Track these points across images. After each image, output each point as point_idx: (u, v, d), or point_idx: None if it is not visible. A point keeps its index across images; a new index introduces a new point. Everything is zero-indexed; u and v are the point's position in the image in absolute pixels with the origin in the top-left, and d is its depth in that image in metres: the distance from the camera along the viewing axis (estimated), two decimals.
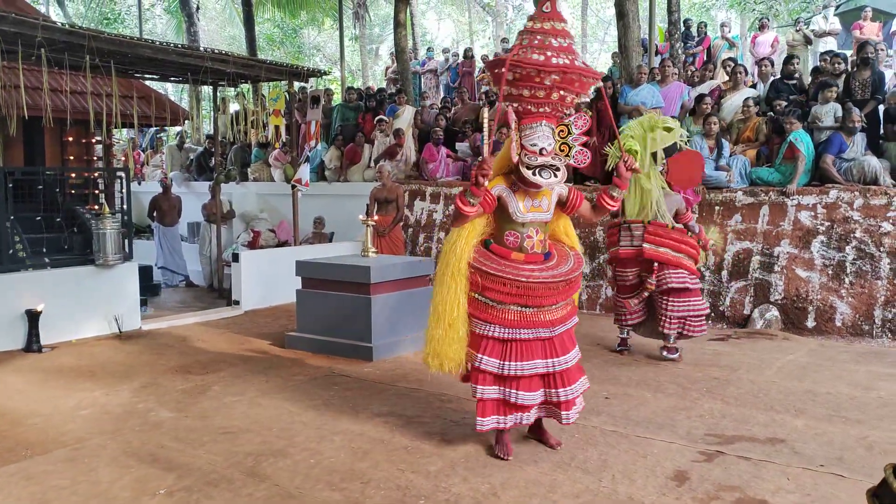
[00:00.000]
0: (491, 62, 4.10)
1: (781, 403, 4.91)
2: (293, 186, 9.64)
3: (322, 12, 23.81)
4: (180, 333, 7.39)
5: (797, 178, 7.67)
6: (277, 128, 10.19)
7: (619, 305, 6.31)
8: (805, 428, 4.42)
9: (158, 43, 7.79)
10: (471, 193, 3.79)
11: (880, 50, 9.89)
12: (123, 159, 12.92)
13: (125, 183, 7.90)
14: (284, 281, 7.74)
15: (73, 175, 9.10)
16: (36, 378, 5.74)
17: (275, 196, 12.05)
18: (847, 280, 7.18)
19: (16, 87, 6.86)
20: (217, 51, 8.62)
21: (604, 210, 4.18)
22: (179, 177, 13.74)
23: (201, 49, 8.62)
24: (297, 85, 10.95)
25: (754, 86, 9.73)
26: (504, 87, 3.88)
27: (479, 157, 3.75)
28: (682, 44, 12.33)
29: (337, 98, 15.86)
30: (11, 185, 7.09)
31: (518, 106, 3.92)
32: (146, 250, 10.57)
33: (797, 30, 12.60)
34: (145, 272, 8.79)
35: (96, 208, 7.83)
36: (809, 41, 12.44)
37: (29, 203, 7.55)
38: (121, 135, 15.32)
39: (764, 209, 7.79)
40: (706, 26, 13.80)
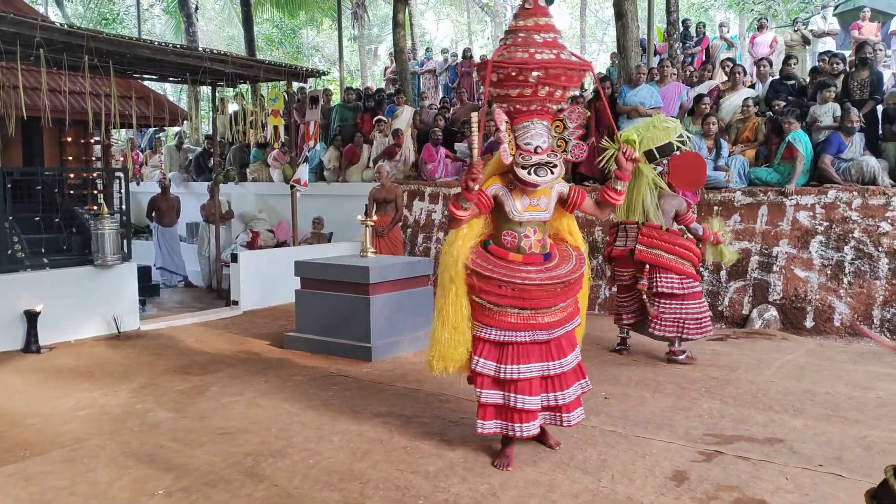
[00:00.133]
0: (477, 65, 4.08)
1: (780, 403, 4.91)
2: (292, 187, 9.64)
3: (321, 12, 23.81)
4: (179, 334, 7.39)
5: (796, 178, 7.67)
6: (276, 128, 10.18)
7: (617, 304, 6.37)
8: (804, 428, 4.42)
9: (157, 43, 7.79)
10: (463, 199, 3.76)
11: (879, 50, 9.90)
12: (122, 160, 12.92)
13: (124, 183, 7.90)
14: (283, 281, 7.73)
15: (72, 175, 9.10)
16: (34, 378, 5.74)
17: (273, 196, 12.05)
18: (845, 280, 7.18)
19: (14, 88, 6.85)
20: (216, 51, 8.61)
21: (608, 205, 4.08)
22: (178, 177, 13.74)
23: (200, 49, 8.62)
24: (296, 85, 10.96)
25: (753, 86, 9.73)
26: (493, 90, 3.85)
27: (477, 158, 3.70)
28: (681, 44, 12.35)
29: (336, 98, 15.86)
30: (10, 186, 7.09)
31: (508, 106, 3.88)
32: (145, 251, 10.57)
33: (796, 30, 12.60)
34: (144, 272, 8.78)
35: (95, 209, 7.83)
36: (808, 41, 12.45)
37: (28, 203, 7.55)
38: (119, 135, 15.30)
39: (762, 209, 7.79)
40: (705, 26, 13.82)
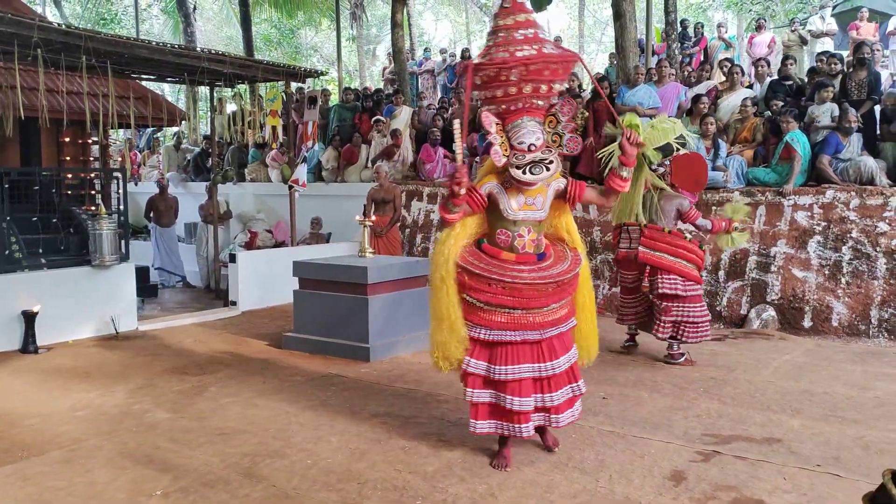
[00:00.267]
0: (460, 71, 4.08)
1: (778, 403, 4.91)
2: (290, 187, 9.63)
3: (319, 13, 23.81)
4: (177, 334, 7.38)
5: (793, 179, 7.67)
6: (274, 128, 10.18)
7: (621, 305, 6.46)
8: (802, 428, 4.43)
9: (155, 43, 7.78)
10: (451, 204, 3.74)
11: (876, 50, 9.89)
12: (120, 160, 12.93)
13: (122, 183, 7.89)
14: (281, 281, 7.73)
15: (70, 176, 9.08)
16: (32, 379, 5.73)
17: (272, 196, 12.04)
18: (843, 280, 7.19)
19: (12, 88, 6.83)
20: (214, 51, 8.60)
21: (614, 192, 4.02)
22: (176, 177, 13.72)
23: (198, 49, 8.61)
24: (294, 85, 10.95)
25: (751, 86, 9.74)
26: (479, 92, 3.84)
27: (460, 162, 3.66)
28: (679, 44, 12.35)
29: (334, 98, 15.83)
30: (8, 186, 7.09)
31: (497, 107, 3.85)
32: (143, 251, 10.56)
33: (793, 30, 12.62)
34: (142, 273, 8.78)
35: (93, 209, 7.81)
36: (806, 42, 12.46)
37: (25, 204, 7.54)
38: (117, 135, 15.29)
39: (760, 209, 7.80)
40: (703, 27, 13.84)
